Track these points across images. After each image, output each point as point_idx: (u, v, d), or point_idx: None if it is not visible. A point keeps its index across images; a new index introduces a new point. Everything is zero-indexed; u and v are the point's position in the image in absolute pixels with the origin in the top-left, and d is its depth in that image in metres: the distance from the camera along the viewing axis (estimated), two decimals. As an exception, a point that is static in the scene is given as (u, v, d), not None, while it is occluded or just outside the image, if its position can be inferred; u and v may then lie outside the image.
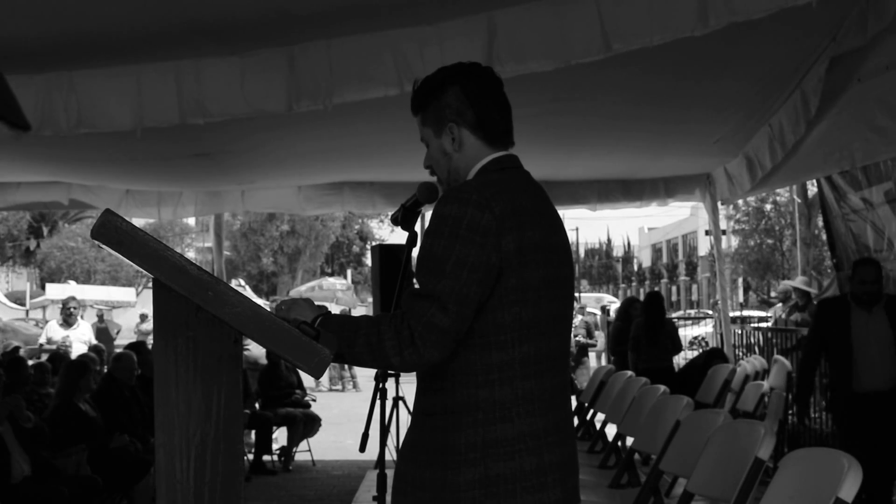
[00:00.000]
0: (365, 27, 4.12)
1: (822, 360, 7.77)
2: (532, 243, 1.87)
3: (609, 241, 61.67)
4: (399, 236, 4.87)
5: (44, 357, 9.07)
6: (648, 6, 3.68)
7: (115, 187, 8.07)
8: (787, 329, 9.22)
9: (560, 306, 1.95)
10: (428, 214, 2.04)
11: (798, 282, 11.54)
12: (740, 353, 9.23)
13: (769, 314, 14.99)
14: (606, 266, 60.42)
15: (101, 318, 16.57)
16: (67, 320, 10.17)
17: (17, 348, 10.41)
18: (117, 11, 3.92)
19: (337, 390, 15.55)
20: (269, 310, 1.75)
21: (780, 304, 12.25)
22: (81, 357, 6.94)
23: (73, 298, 10.92)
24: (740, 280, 34.37)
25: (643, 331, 8.05)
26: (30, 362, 7.09)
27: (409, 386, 2.33)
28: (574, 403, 7.21)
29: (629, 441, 5.00)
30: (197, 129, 4.62)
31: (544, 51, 3.88)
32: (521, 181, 1.98)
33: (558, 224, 2.00)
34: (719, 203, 8.25)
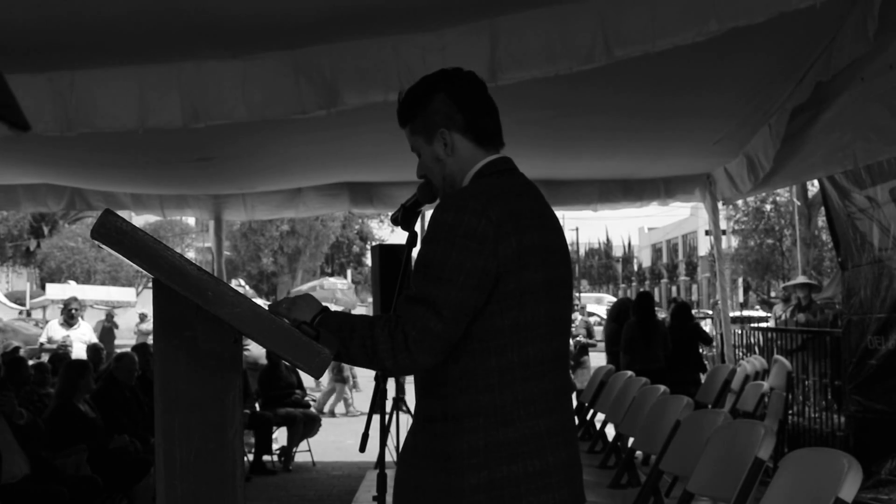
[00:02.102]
0: (367, 33, 4.12)
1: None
2: (530, 246, 1.87)
3: (609, 241, 61.72)
4: (399, 236, 4.87)
5: (44, 357, 9.09)
6: (650, 12, 3.67)
7: (118, 191, 8.07)
8: (788, 329, 9.23)
9: (559, 307, 1.94)
10: (428, 214, 2.04)
11: (798, 280, 11.56)
12: (740, 354, 9.23)
13: (769, 314, 15.00)
14: (606, 266, 60.45)
15: (110, 317, 16.57)
16: (68, 320, 10.19)
17: (17, 348, 10.41)
18: (120, 13, 3.92)
19: (337, 390, 15.51)
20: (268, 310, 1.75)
21: (781, 304, 12.26)
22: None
23: (75, 299, 10.98)
24: (740, 280, 34.37)
25: (639, 332, 8.00)
26: (30, 362, 7.10)
27: (409, 386, 2.33)
28: (574, 403, 7.21)
29: (629, 441, 5.00)
30: (198, 132, 4.62)
31: (546, 57, 3.87)
32: (518, 184, 1.97)
33: (556, 225, 2.00)
34: (719, 203, 8.24)
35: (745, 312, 21.73)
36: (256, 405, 8.36)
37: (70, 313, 10.24)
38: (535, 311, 1.87)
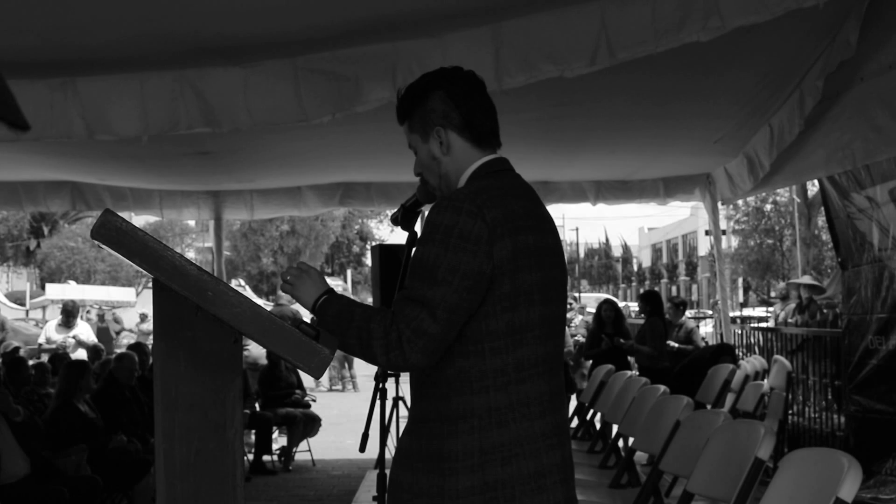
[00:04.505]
0: (370, 40, 4.12)
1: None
2: (525, 247, 1.86)
3: (608, 241, 61.70)
4: (399, 236, 4.86)
5: (44, 357, 9.10)
6: (652, 14, 3.67)
7: (117, 185, 8.07)
8: (788, 329, 9.22)
9: (553, 308, 1.94)
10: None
11: (804, 279, 11.52)
12: (740, 354, 9.23)
13: (769, 313, 14.99)
14: (606, 266, 60.42)
15: (101, 317, 16.55)
16: (67, 321, 10.20)
17: (17, 348, 10.41)
18: (121, 26, 3.92)
19: (337, 390, 15.53)
20: (269, 309, 1.75)
21: (780, 303, 12.25)
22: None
23: (73, 301, 11.04)
24: (740, 280, 34.38)
25: (663, 330, 8.04)
26: (30, 362, 7.10)
27: (409, 386, 2.33)
28: (574, 403, 7.21)
29: (629, 441, 5.00)
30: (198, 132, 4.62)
31: (550, 61, 3.87)
32: (513, 185, 1.97)
33: (551, 227, 2.00)
34: (719, 203, 8.25)
35: (746, 312, 21.72)
36: (256, 405, 8.36)
37: (69, 314, 10.27)
38: (529, 313, 1.87)
